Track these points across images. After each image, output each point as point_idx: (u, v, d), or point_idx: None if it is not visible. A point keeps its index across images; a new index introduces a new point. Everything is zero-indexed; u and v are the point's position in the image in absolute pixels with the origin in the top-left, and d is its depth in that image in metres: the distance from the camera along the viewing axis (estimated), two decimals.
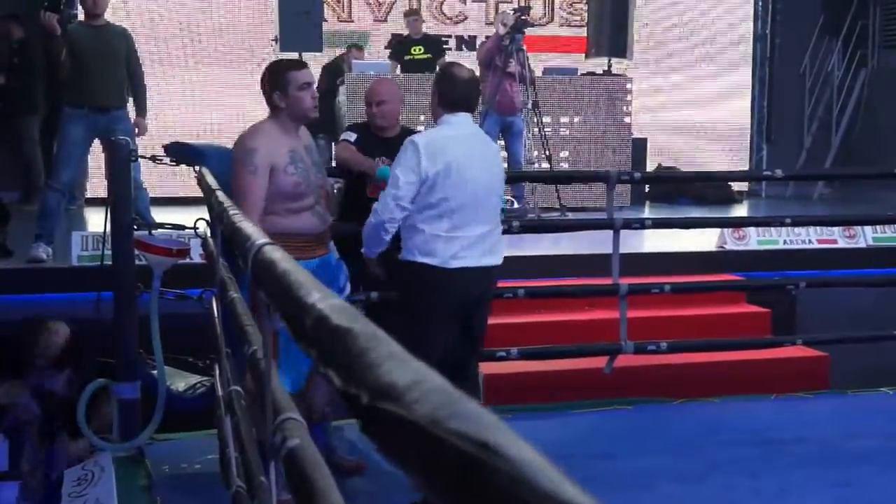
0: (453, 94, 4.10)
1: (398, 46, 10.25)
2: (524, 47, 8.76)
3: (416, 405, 0.65)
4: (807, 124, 12.90)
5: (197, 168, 4.10)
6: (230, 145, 4.31)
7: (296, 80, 3.99)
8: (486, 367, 5.67)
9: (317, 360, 0.96)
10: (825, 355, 6.11)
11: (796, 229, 7.07)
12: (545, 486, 0.52)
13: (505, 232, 6.08)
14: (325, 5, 10.33)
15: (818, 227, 7.09)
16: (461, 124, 4.12)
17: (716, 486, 4.40)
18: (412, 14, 10.55)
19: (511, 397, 5.56)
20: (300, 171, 3.96)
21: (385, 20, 11.49)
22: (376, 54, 10.88)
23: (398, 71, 9.81)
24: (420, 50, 10.12)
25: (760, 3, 12.71)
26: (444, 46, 11.06)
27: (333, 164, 5.77)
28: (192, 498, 4.03)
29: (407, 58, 10.07)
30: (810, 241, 7.06)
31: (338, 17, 11.50)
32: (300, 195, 3.97)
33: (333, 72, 9.66)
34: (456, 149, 4.01)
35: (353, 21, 11.60)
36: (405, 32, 10.52)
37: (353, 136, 4.79)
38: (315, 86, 4.25)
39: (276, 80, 4.02)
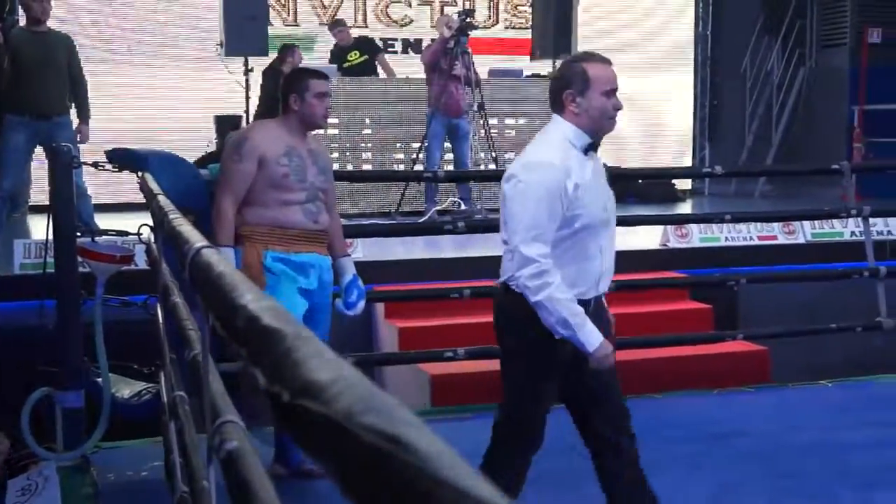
0: None
1: (338, 55, 10.21)
2: (469, 50, 8.78)
3: (334, 401, 0.66)
4: (748, 123, 13.04)
5: (139, 174, 4.07)
6: (174, 150, 4.32)
7: (314, 87, 4.11)
8: (433, 368, 5.69)
9: (245, 360, 0.97)
10: (766, 349, 6.18)
11: (737, 226, 7.14)
12: (452, 480, 0.52)
13: (450, 232, 6.12)
14: (270, 9, 10.31)
15: (758, 224, 7.15)
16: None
17: (659, 480, 4.40)
18: (337, 25, 10.46)
19: (460, 397, 5.57)
20: (293, 165, 4.03)
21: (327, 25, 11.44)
22: (325, 57, 10.82)
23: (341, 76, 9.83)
24: (356, 55, 10.11)
25: (701, 5, 12.84)
26: (387, 48, 11.11)
27: None
28: None
29: (345, 65, 10.04)
30: (751, 238, 7.13)
31: (283, 21, 11.46)
32: (288, 187, 4.04)
33: (274, 75, 9.65)
34: None
35: (298, 25, 11.57)
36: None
37: None
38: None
39: (296, 84, 4.15)
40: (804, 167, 10.09)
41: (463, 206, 8.74)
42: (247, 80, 9.47)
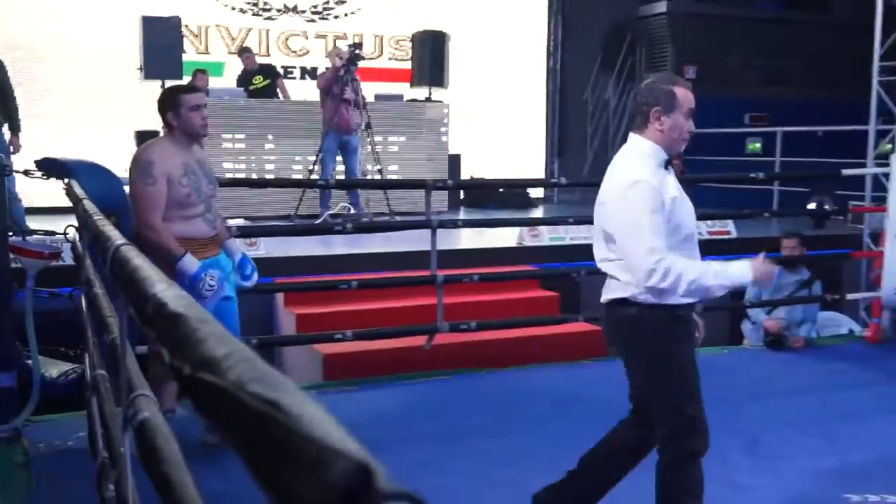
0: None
1: (243, 78, 10.12)
2: (357, 77, 8.78)
3: (227, 373, 0.65)
4: (589, 142, 13.33)
5: (66, 181, 3.93)
6: (99, 161, 4.20)
7: (187, 102, 3.91)
8: (325, 348, 5.66)
9: (155, 341, 0.96)
10: (601, 329, 6.29)
11: (579, 227, 7.24)
12: (322, 437, 0.52)
13: (341, 232, 6.09)
14: (184, 39, 10.13)
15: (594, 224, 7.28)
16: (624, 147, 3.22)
17: (516, 438, 4.48)
18: (245, 52, 10.41)
19: (349, 372, 5.55)
20: (192, 182, 3.87)
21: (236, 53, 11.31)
22: (232, 81, 10.64)
23: (247, 97, 9.74)
24: (260, 79, 10.08)
25: (551, 46, 13.05)
26: (287, 74, 11.05)
27: None
28: (65, 471, 3.86)
29: (251, 88, 9.96)
30: (590, 238, 7.20)
31: (196, 50, 11.26)
32: (191, 204, 3.88)
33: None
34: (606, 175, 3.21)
35: (209, 53, 11.37)
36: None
37: None
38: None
39: (170, 102, 3.94)
40: None
41: (352, 211, 8.75)
42: None
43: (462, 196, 10.88)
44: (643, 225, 2.86)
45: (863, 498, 3.74)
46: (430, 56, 10.36)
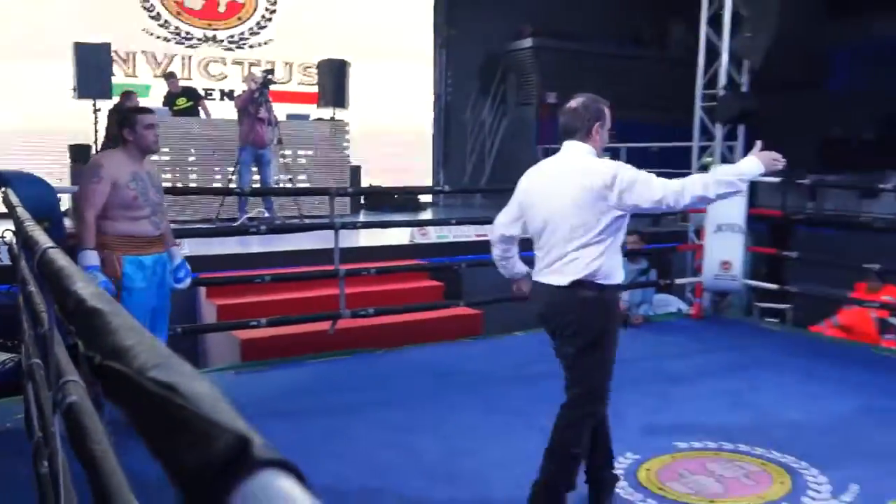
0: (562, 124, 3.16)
1: (168, 99, 9.81)
2: (270, 99, 8.63)
3: (132, 361, 0.64)
4: (469, 156, 13.45)
5: (3, 189, 3.75)
6: (35, 172, 4.07)
7: (143, 121, 3.87)
8: (242, 334, 5.55)
9: (74, 334, 0.93)
10: (480, 312, 6.37)
11: (461, 227, 7.34)
12: (211, 415, 0.52)
13: (255, 233, 5.99)
14: (113, 63, 9.77)
15: (475, 225, 7.35)
16: (560, 153, 3.14)
17: (407, 408, 4.50)
18: (170, 77, 10.08)
19: (263, 354, 5.47)
20: (139, 188, 3.82)
21: (162, 77, 10.96)
22: (158, 101, 10.28)
23: (171, 116, 9.44)
24: (183, 101, 9.77)
25: (438, 72, 13.12)
26: (207, 96, 10.77)
27: None
28: (5, 450, 3.67)
29: (175, 108, 9.66)
30: (470, 236, 7.28)
31: (124, 73, 10.86)
32: (138, 207, 3.82)
33: (115, 113, 9.16)
34: (538, 178, 3.16)
35: (136, 76, 10.99)
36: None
37: None
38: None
39: (128, 120, 3.90)
40: (504, 186, 10.48)
41: (267, 215, 8.60)
42: (95, 118, 8.91)
43: (362, 201, 10.84)
44: (648, 177, 2.92)
45: (689, 444, 3.91)
46: (333, 81, 10.28)
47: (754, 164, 2.98)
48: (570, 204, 2.96)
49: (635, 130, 11.76)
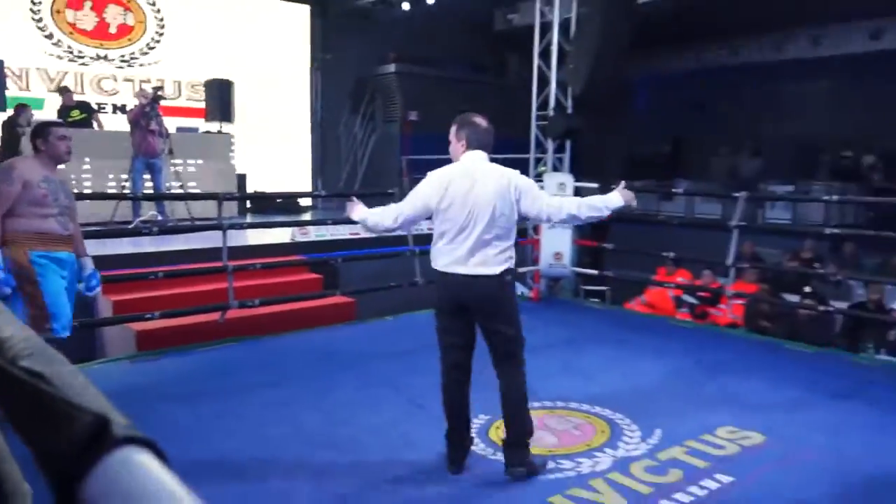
0: (477, 138, 3.15)
1: (63, 112, 9.06)
2: (160, 113, 8.14)
3: (7, 351, 0.58)
4: (343, 165, 13.27)
5: None
6: None
7: (55, 133, 3.64)
8: (137, 326, 5.23)
9: None
10: (354, 300, 6.31)
11: (337, 227, 7.23)
12: (76, 401, 0.49)
13: (147, 234, 5.64)
14: (7, 77, 8.94)
15: (349, 225, 7.27)
16: (473, 159, 3.11)
17: (292, 386, 4.38)
18: (65, 91, 9.27)
19: (158, 344, 5.17)
20: (50, 189, 3.57)
21: (56, 91, 10.13)
22: (52, 114, 9.47)
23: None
24: (77, 113, 9.03)
25: (314, 91, 12.85)
26: (100, 109, 10.03)
27: None
28: None
29: (69, 120, 8.93)
30: (345, 234, 7.23)
31: (18, 87, 9.94)
32: (47, 204, 3.57)
33: (9, 124, 8.37)
34: (458, 181, 3.06)
35: (30, 90, 10.08)
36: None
37: None
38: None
39: (42, 131, 3.64)
40: (374, 191, 10.44)
41: (159, 218, 8.13)
42: None
43: (248, 205, 10.46)
44: (539, 192, 3.14)
45: (541, 403, 4.01)
46: (219, 98, 9.87)
47: (617, 198, 3.17)
48: (494, 204, 3.01)
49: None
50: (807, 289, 7.22)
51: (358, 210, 3.31)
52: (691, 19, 12.08)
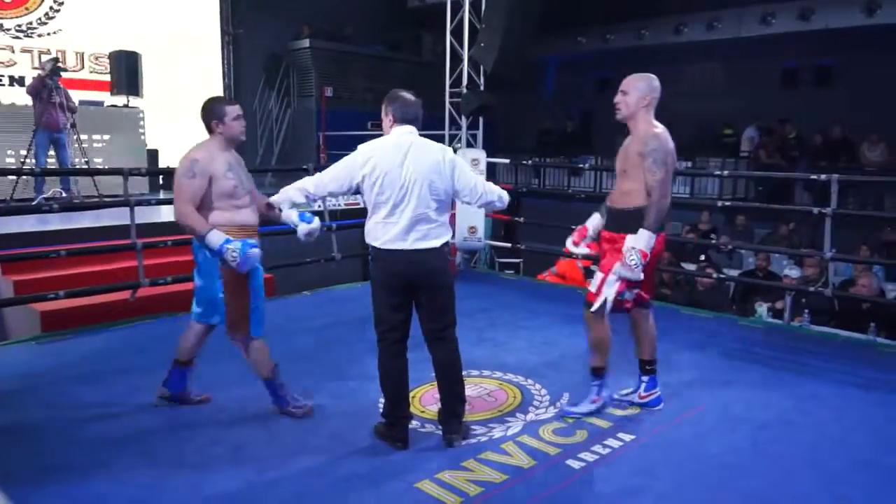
0: (404, 112, 3.10)
1: None
2: (62, 85, 7.65)
3: None
4: (259, 142, 12.89)
5: None
6: None
7: (231, 112, 3.30)
8: (41, 306, 4.93)
9: None
10: (271, 276, 6.16)
11: None
12: None
13: (48, 211, 5.30)
14: None
15: None
16: (402, 133, 3.07)
17: (207, 362, 4.18)
18: None
19: (65, 324, 4.90)
20: (237, 176, 3.25)
21: None
22: None
23: None
24: None
25: (226, 65, 12.37)
26: None
27: None
28: None
29: None
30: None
31: None
32: (237, 195, 3.26)
33: None
34: (391, 154, 3.00)
35: None
36: None
37: None
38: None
39: (215, 111, 3.28)
40: (290, 167, 10.18)
41: (64, 195, 7.65)
42: None
43: (161, 181, 10.00)
44: (469, 170, 3.18)
45: (480, 372, 4.04)
46: (125, 71, 9.32)
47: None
48: (430, 179, 2.99)
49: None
50: (702, 258, 7.58)
51: (282, 202, 3.27)
52: (598, 1, 12.31)
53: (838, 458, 3.10)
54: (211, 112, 3.34)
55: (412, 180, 2.98)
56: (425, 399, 3.69)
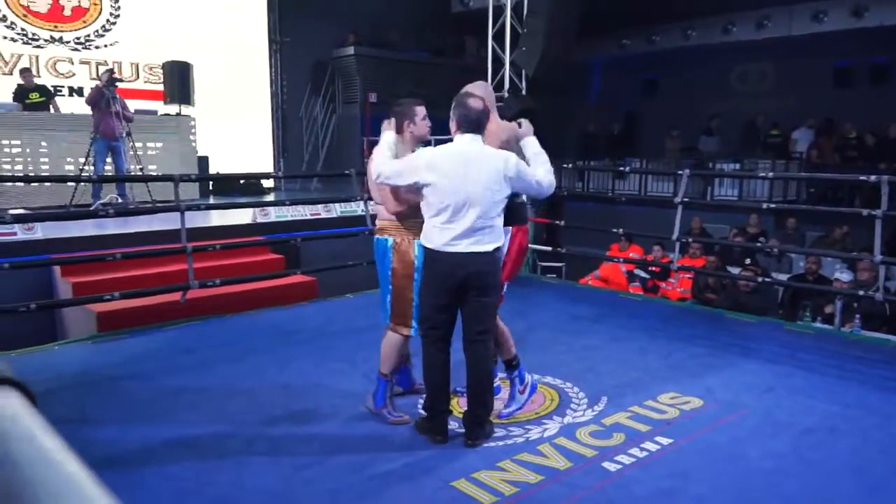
0: (467, 119, 3.12)
1: (20, 93, 8.78)
2: (118, 95, 7.96)
3: None
4: (305, 147, 13.14)
5: None
6: None
7: (420, 113, 3.37)
8: (98, 307, 5.14)
9: None
10: (315, 279, 6.29)
11: (298, 207, 7.18)
12: None
13: (104, 216, 5.53)
14: None
15: (310, 206, 7.25)
16: (465, 142, 3.11)
17: (251, 362, 4.39)
18: (25, 72, 9.00)
19: (120, 325, 5.09)
20: None
21: (10, 73, 9.82)
22: (7, 97, 9.15)
23: (22, 110, 8.47)
24: (36, 95, 8.78)
25: (273, 73, 12.67)
26: (57, 92, 9.74)
27: None
28: None
29: (28, 101, 8.68)
30: (306, 214, 7.16)
31: None
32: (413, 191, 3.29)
33: None
34: (455, 161, 3.05)
35: None
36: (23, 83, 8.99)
37: None
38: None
39: (408, 111, 3.35)
40: (334, 173, 10.37)
41: (120, 200, 7.97)
42: None
43: (211, 187, 10.31)
44: (528, 168, 3.17)
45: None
46: (178, 81, 9.65)
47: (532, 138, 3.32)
48: (490, 188, 3.03)
49: (442, 125, 11.98)
50: (747, 261, 7.43)
51: (386, 136, 3.30)
52: (644, 2, 12.18)
53: (881, 465, 3.02)
54: (404, 112, 3.39)
55: (473, 191, 3.01)
56: (464, 402, 3.72)
